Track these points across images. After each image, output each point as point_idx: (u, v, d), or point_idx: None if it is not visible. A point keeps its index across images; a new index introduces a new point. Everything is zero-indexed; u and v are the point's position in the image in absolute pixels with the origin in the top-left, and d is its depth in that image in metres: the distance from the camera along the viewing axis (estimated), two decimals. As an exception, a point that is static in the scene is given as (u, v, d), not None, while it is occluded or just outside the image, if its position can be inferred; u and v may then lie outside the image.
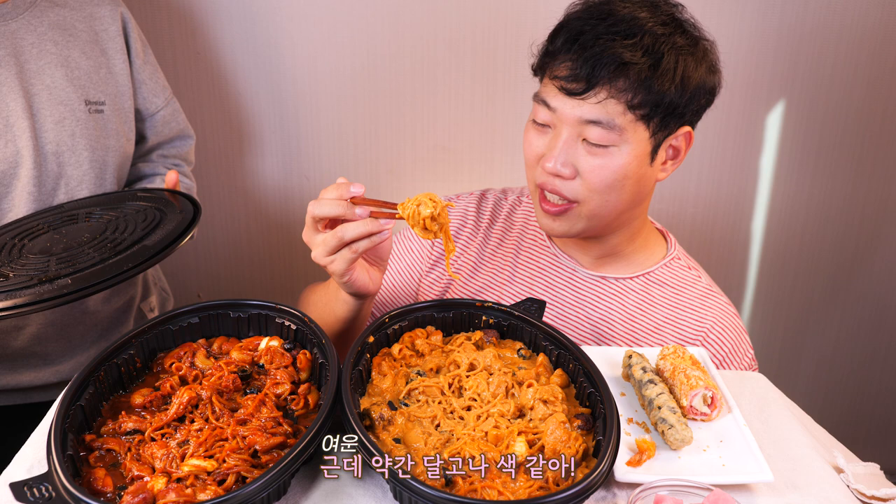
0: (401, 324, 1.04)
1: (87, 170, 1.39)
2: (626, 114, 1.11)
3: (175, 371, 0.98)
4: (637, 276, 1.28)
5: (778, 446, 0.96)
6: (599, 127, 1.11)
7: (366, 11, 1.87)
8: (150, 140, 1.56)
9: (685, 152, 1.20)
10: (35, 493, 0.77)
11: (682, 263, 1.31)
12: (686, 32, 1.15)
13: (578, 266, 1.30)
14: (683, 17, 1.17)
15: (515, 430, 0.88)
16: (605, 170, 1.13)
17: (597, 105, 1.11)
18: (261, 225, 2.10)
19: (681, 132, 1.17)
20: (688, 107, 1.14)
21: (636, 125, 1.12)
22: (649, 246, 1.31)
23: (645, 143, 1.14)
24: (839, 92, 1.98)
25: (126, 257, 1.08)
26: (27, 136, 1.32)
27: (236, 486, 0.81)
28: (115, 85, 1.44)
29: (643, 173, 1.17)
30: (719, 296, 1.29)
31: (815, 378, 2.34)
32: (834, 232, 2.14)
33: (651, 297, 1.27)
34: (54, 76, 1.36)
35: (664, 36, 1.11)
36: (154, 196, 1.32)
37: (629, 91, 1.10)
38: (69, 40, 1.38)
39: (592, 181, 1.14)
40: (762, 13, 1.89)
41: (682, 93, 1.12)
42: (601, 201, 1.16)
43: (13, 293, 1.02)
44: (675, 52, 1.11)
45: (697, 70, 1.14)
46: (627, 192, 1.16)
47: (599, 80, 1.10)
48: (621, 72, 1.09)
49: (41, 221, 1.28)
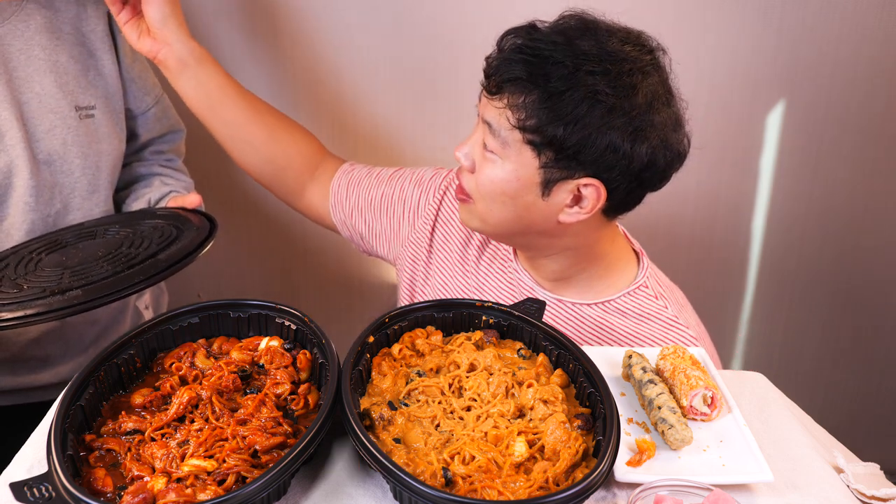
0: (401, 324, 1.04)
1: (79, 177, 1.38)
2: (514, 132, 1.06)
3: (175, 371, 0.98)
4: (595, 304, 1.22)
5: (778, 446, 0.96)
6: (491, 133, 1.09)
7: (366, 11, 1.87)
8: (141, 137, 1.54)
9: (594, 207, 1.08)
10: (35, 493, 0.77)
11: (649, 292, 1.22)
12: (630, 87, 1.03)
13: (536, 285, 1.26)
14: (652, 75, 1.07)
15: (515, 430, 0.88)
16: (487, 177, 1.11)
17: (496, 110, 1.08)
18: (261, 225, 2.10)
19: (585, 182, 1.06)
20: (586, 157, 1.04)
21: (522, 147, 1.06)
22: (612, 275, 1.23)
23: (532, 171, 1.07)
24: (839, 92, 1.98)
25: (137, 271, 1.10)
26: (21, 146, 1.31)
27: (236, 486, 0.81)
28: (104, 87, 1.42)
29: (531, 202, 1.10)
30: (685, 329, 1.20)
31: (815, 378, 2.34)
32: (834, 231, 2.14)
33: (609, 326, 1.21)
34: (43, 83, 1.34)
35: (588, 74, 1.02)
36: (172, 213, 1.34)
37: (523, 110, 1.04)
38: (57, 44, 1.36)
39: (479, 179, 1.13)
40: (762, 13, 1.89)
41: (578, 139, 1.03)
42: (485, 207, 1.13)
43: (25, 304, 1.04)
44: (591, 98, 1.01)
45: (613, 127, 1.03)
46: (510, 211, 1.11)
47: (503, 87, 1.06)
48: (519, 88, 1.04)
49: (59, 238, 1.30)
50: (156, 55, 1.32)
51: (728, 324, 2.27)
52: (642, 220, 2.09)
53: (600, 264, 1.22)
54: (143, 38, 1.30)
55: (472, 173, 1.14)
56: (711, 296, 2.20)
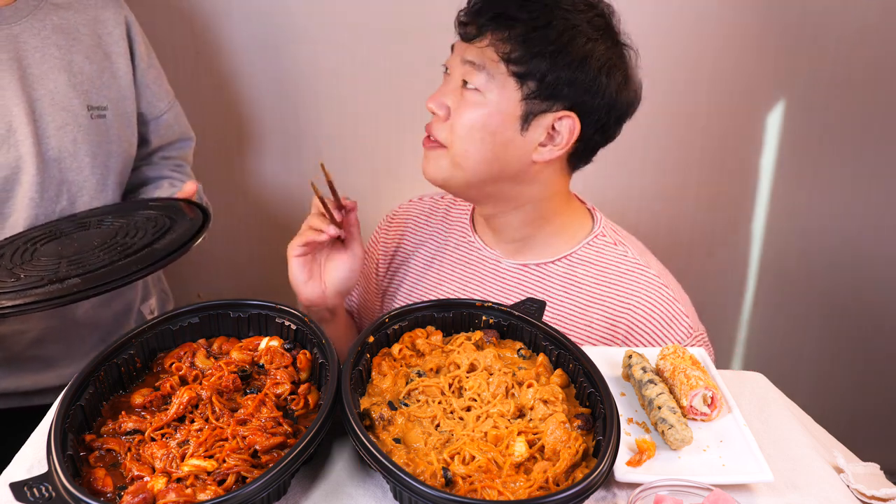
0: (401, 324, 1.04)
1: (89, 175, 1.39)
2: (500, 65, 1.13)
3: (175, 371, 0.98)
4: (558, 260, 1.27)
5: (778, 446, 0.96)
6: (474, 69, 1.14)
7: (366, 11, 1.87)
8: (152, 143, 1.56)
9: (568, 142, 1.16)
10: (35, 493, 0.77)
11: (608, 240, 1.28)
12: (602, 28, 1.15)
13: (502, 257, 1.30)
14: (612, 20, 1.18)
15: (515, 431, 0.88)
16: (468, 113, 1.15)
17: (478, 49, 1.14)
18: (261, 225, 2.10)
19: (562, 115, 1.14)
20: (566, 87, 1.12)
21: (507, 80, 1.13)
22: (569, 229, 1.29)
23: (514, 103, 1.13)
24: (839, 92, 1.98)
25: (134, 260, 1.11)
26: (29, 142, 1.32)
27: (236, 486, 0.81)
28: (118, 89, 1.43)
29: (509, 138, 1.15)
30: (647, 268, 1.25)
31: (815, 378, 2.34)
32: (834, 231, 2.14)
33: (575, 278, 1.26)
34: (57, 81, 1.35)
35: (566, 11, 1.13)
36: (165, 205, 1.35)
37: (508, 43, 1.12)
38: (72, 44, 1.38)
39: (455, 123, 1.16)
40: (762, 13, 1.89)
41: (560, 67, 1.11)
42: (461, 149, 1.16)
43: (23, 293, 1.04)
44: (571, 30, 1.12)
45: (591, 59, 1.12)
46: (488, 150, 1.15)
47: (486, 27, 1.14)
48: (505, 23, 1.12)
49: (54, 228, 1.31)
50: (315, 302, 1.25)
51: (728, 324, 2.27)
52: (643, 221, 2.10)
53: (556, 221, 1.27)
54: (314, 282, 1.22)
55: (446, 121, 1.17)
56: (711, 296, 2.20)
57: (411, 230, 1.43)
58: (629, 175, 2.05)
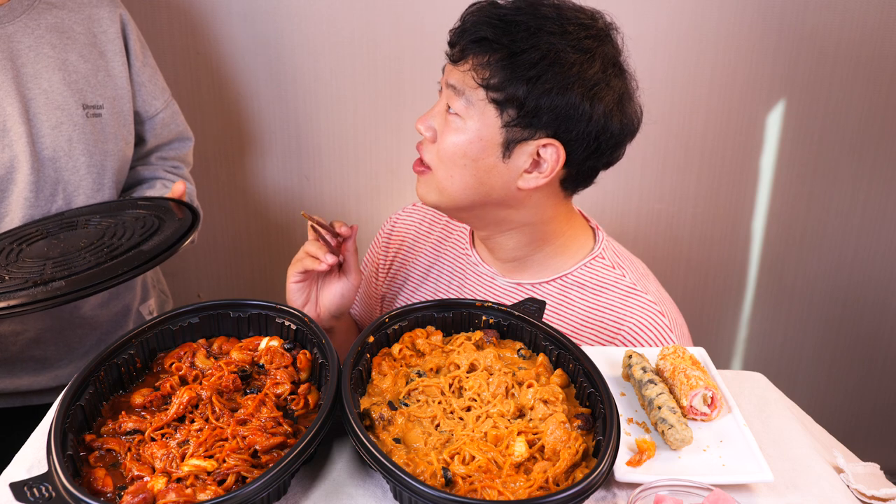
0: (401, 324, 1.04)
1: (85, 175, 1.38)
2: (479, 91, 1.10)
3: (175, 371, 0.98)
4: (552, 280, 1.24)
5: (778, 446, 0.96)
6: (455, 94, 1.12)
7: (366, 11, 1.87)
8: (149, 142, 1.55)
9: (553, 170, 1.12)
10: (35, 493, 0.77)
11: (606, 263, 1.24)
12: (591, 51, 1.09)
13: (497, 275, 1.28)
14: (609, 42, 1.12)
15: (515, 431, 0.88)
16: (450, 138, 1.13)
17: (460, 73, 1.12)
18: (261, 225, 2.10)
19: (545, 142, 1.10)
20: (546, 114, 1.08)
21: (486, 107, 1.10)
22: (569, 250, 1.25)
23: (494, 130, 1.10)
24: (839, 92, 1.98)
25: (121, 262, 1.09)
26: (24, 142, 1.31)
27: (236, 486, 0.81)
28: (113, 88, 1.43)
29: (492, 164, 1.12)
30: (643, 294, 1.21)
31: (815, 378, 2.34)
32: (834, 231, 2.14)
33: (568, 300, 1.23)
34: (51, 80, 1.35)
35: (550, 35, 1.07)
36: (154, 204, 1.33)
37: (487, 69, 1.09)
38: (67, 43, 1.37)
39: (440, 147, 1.15)
40: (762, 13, 1.89)
41: (540, 94, 1.07)
42: (446, 174, 1.15)
43: (7, 295, 1.03)
44: (552, 55, 1.06)
45: (572, 86, 1.07)
46: (471, 176, 1.13)
47: (468, 51, 1.11)
48: (485, 48, 1.09)
49: (40, 228, 1.29)
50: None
51: (728, 324, 2.27)
52: (643, 221, 2.10)
53: (556, 242, 1.24)
54: (310, 305, 1.24)
55: (433, 143, 1.16)
56: (712, 295, 2.20)
57: (412, 237, 1.42)
58: (629, 175, 2.05)
